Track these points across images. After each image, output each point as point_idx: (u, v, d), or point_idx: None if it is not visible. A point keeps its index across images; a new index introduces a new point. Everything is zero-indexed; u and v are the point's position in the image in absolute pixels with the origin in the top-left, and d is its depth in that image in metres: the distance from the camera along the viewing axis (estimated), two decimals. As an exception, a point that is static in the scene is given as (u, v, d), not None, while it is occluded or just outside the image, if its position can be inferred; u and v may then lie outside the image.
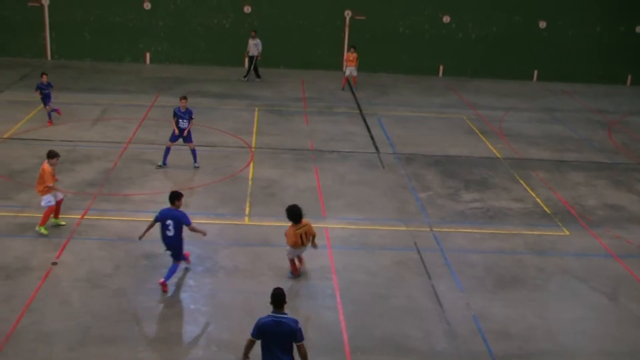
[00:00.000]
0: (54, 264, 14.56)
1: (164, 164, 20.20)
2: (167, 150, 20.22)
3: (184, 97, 20.20)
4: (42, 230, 15.79)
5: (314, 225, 14.57)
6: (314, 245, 14.59)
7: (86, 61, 33.72)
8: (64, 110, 24.30)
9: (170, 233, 13.73)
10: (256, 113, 26.50)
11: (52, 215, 15.97)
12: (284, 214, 14.32)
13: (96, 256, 15.00)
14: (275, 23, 33.99)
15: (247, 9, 33.94)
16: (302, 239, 14.23)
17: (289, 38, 34.18)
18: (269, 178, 19.96)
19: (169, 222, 13.70)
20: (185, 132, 19.97)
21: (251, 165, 20.93)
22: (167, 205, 13.91)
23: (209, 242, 15.58)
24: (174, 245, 13.91)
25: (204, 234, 14.19)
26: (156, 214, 13.94)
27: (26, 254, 14.93)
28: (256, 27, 32.77)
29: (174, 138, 20.08)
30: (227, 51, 32.98)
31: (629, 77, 35.61)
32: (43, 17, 33.68)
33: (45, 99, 23.57)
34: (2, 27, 33.37)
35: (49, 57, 34.16)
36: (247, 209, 17.80)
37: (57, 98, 25.95)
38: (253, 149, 22.32)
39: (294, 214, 14.24)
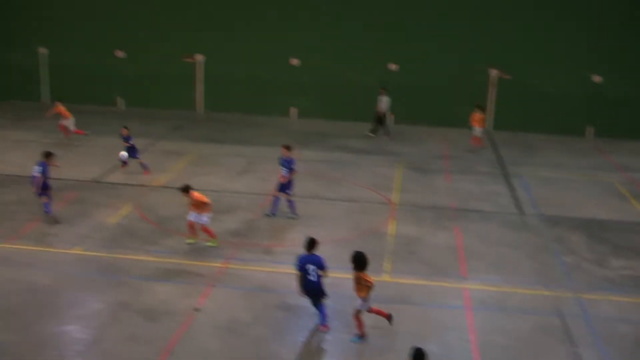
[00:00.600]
0: (196, 310, 14.94)
1: (272, 213, 20.69)
2: (276, 199, 20.69)
3: (286, 146, 20.63)
4: (210, 243, 18.25)
5: (455, 286, 14.27)
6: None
7: (234, 114, 34.95)
8: (212, 160, 25.11)
9: (314, 278, 14.02)
10: (397, 169, 26.52)
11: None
12: (424, 271, 14.08)
13: (236, 305, 15.29)
14: (418, 80, 34.14)
15: (393, 67, 34.27)
16: None
17: (432, 95, 34.22)
18: (409, 235, 19.81)
19: (311, 267, 13.99)
20: (284, 180, 20.35)
21: (391, 221, 20.88)
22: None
23: (347, 297, 15.55)
24: (317, 289, 14.13)
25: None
26: (296, 264, 14.17)
27: (171, 298, 15.42)
28: (400, 84, 33.03)
29: (281, 188, 20.56)
30: (371, 107, 33.23)
31: None
32: (194, 72, 35.30)
33: (131, 151, 24.36)
34: (157, 81, 35.33)
35: (200, 110, 35.66)
36: (386, 265, 17.69)
37: (205, 149, 26.90)
38: (394, 205, 22.28)
39: (365, 261, 13.90)
